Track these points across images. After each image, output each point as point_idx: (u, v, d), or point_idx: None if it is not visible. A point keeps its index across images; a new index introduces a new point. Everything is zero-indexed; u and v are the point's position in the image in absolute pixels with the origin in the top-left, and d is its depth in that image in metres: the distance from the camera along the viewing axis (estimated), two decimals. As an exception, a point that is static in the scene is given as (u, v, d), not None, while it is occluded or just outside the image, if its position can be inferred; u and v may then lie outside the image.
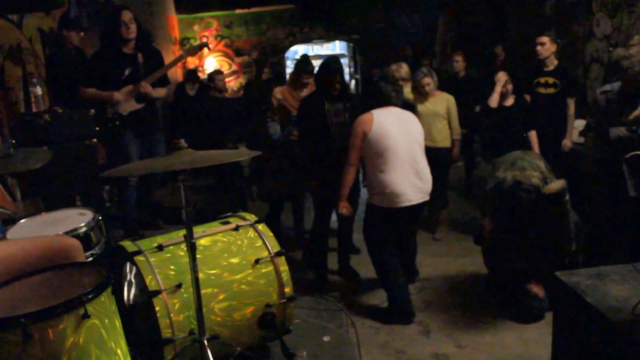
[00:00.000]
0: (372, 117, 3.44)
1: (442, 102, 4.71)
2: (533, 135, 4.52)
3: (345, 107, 3.90)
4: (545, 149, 4.58)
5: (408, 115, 3.64)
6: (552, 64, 4.72)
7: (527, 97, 4.80)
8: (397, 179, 3.41)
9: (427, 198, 3.58)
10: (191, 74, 8.06)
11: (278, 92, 4.79)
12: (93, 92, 3.98)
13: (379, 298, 3.72)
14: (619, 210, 3.67)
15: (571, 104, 4.74)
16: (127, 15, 3.95)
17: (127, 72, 4.03)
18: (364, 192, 4.12)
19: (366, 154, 3.50)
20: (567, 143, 4.77)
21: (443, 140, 4.73)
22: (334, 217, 4.13)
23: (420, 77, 4.67)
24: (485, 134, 5.01)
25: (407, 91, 4.92)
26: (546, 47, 4.66)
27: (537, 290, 3.37)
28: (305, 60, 4.71)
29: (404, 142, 3.44)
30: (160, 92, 4.26)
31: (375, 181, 3.47)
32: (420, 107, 4.69)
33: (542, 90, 4.71)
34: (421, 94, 4.70)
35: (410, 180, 3.45)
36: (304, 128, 4.15)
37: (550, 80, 4.68)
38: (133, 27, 3.97)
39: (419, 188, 3.50)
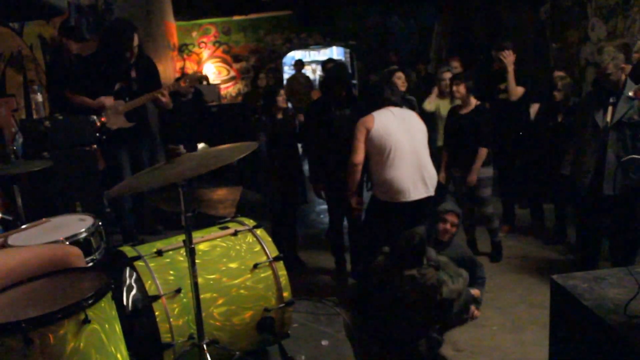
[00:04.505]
0: (372, 117, 3.50)
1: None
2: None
3: (352, 112, 3.93)
4: (509, 152, 4.69)
5: (408, 112, 3.68)
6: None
7: (487, 105, 4.60)
8: (400, 176, 3.44)
9: (431, 193, 3.59)
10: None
11: None
12: (81, 100, 3.94)
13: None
14: (599, 207, 3.68)
15: (534, 107, 4.76)
16: (135, 42, 3.95)
17: (117, 86, 4.01)
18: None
19: (369, 152, 3.54)
20: None
21: None
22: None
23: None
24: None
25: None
26: (509, 59, 4.58)
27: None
28: None
29: (405, 138, 3.48)
30: (169, 103, 4.21)
31: (379, 178, 3.50)
32: (441, 110, 4.91)
33: (503, 96, 4.70)
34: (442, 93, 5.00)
35: (413, 176, 3.48)
36: (311, 133, 4.19)
37: None
38: (136, 51, 3.98)
39: (423, 183, 3.52)
